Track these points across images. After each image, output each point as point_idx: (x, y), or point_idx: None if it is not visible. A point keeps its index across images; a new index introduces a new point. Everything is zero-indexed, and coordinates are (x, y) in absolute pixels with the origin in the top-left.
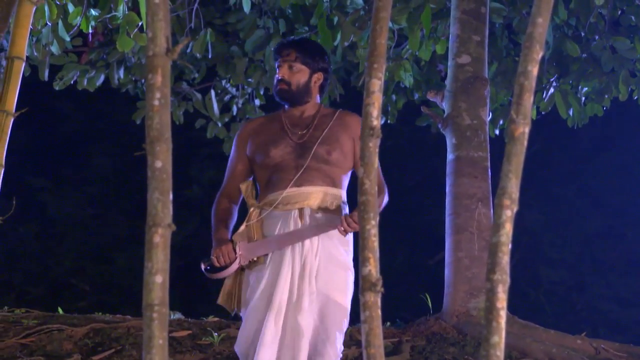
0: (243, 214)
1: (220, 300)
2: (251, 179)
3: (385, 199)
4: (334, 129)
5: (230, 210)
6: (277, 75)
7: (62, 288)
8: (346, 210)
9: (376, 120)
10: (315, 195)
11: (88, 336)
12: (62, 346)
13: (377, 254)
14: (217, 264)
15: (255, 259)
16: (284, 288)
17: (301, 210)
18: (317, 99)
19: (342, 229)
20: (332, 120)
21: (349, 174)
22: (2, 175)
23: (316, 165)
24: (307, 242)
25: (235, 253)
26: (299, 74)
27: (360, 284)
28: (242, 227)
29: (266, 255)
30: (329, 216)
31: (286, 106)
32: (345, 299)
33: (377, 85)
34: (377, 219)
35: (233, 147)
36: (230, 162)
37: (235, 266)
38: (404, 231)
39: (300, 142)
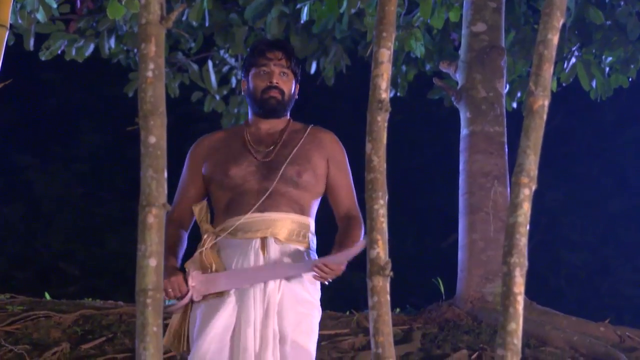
0: (195, 240)
1: (165, 342)
2: (205, 200)
3: (362, 233)
4: (306, 147)
5: (179, 236)
6: (270, 80)
7: (50, 272)
8: (314, 242)
9: (385, 93)
10: (280, 223)
11: (77, 323)
12: (49, 334)
13: (386, 236)
14: (165, 298)
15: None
16: (249, 335)
17: (264, 240)
18: None
19: (317, 275)
20: (304, 137)
21: (319, 199)
22: None
23: (283, 188)
24: (270, 282)
25: (187, 285)
26: (289, 83)
27: (368, 268)
28: (196, 255)
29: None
30: (294, 249)
31: (250, 118)
32: (312, 344)
33: (386, 55)
34: (386, 197)
35: (185, 165)
36: (181, 181)
37: (186, 300)
38: (414, 212)
39: (266, 160)
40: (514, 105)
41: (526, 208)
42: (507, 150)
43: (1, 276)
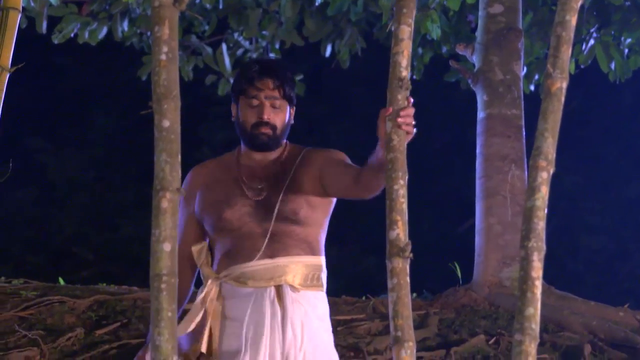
0: None
1: None
2: (206, 241)
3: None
4: (296, 177)
5: (184, 291)
6: (260, 116)
7: (64, 257)
8: (325, 280)
9: (405, 71)
10: (293, 268)
11: (91, 309)
12: (63, 319)
13: (406, 217)
14: None
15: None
16: None
17: (278, 289)
18: None
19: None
20: (295, 165)
21: (327, 223)
22: None
23: (285, 228)
24: (289, 332)
25: None
26: (282, 114)
27: (387, 249)
28: (197, 303)
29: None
30: (311, 295)
31: (243, 147)
32: None
33: (406, 32)
34: (406, 177)
35: (180, 202)
36: (179, 221)
37: None
38: (430, 196)
39: (259, 199)
40: (532, 87)
41: (544, 191)
42: (524, 133)
43: (14, 261)
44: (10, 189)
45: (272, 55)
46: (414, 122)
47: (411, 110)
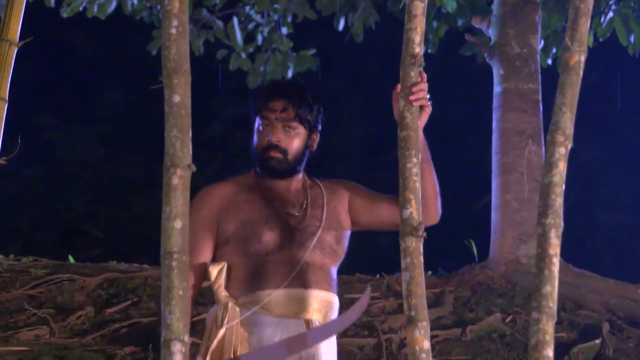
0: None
1: None
2: (224, 262)
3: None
4: (332, 206)
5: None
6: (268, 137)
7: (73, 235)
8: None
9: (418, 47)
10: (321, 303)
11: (102, 287)
12: (73, 298)
13: (419, 195)
14: None
15: None
16: None
17: (308, 323)
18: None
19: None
20: (324, 195)
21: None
22: (5, 111)
23: (318, 260)
24: None
25: None
26: (297, 139)
27: (400, 228)
28: (220, 333)
29: None
30: (333, 339)
31: (258, 173)
32: None
33: (419, 7)
34: (419, 156)
35: (193, 219)
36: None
37: None
38: (446, 172)
39: (298, 226)
40: (549, 61)
41: (562, 167)
42: (541, 108)
43: (24, 239)
44: (18, 166)
45: (284, 29)
46: (428, 96)
47: (424, 85)
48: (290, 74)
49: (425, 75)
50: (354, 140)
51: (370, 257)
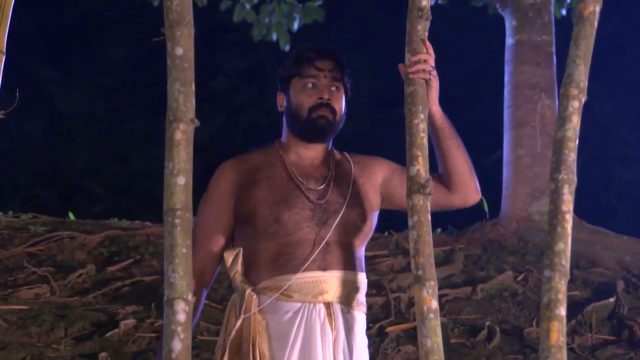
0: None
1: None
2: (240, 248)
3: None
4: (360, 182)
5: (196, 307)
6: (319, 95)
7: (74, 191)
8: (364, 298)
9: (425, 0)
10: (345, 284)
11: (103, 245)
12: (74, 256)
13: (427, 152)
14: None
15: None
16: None
17: (328, 306)
18: None
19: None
20: (352, 169)
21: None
22: (3, 63)
23: (342, 238)
24: (340, 358)
25: None
26: (341, 101)
27: (407, 186)
28: (238, 324)
29: None
30: (358, 317)
31: (286, 141)
32: None
33: None
34: (427, 111)
35: (208, 198)
36: (202, 220)
37: None
38: (455, 127)
39: (321, 202)
40: (563, 12)
41: (575, 121)
42: (555, 60)
43: (23, 195)
44: (17, 120)
45: None
46: (431, 68)
47: (425, 56)
48: (296, 25)
49: (431, 46)
50: (361, 95)
51: (379, 214)
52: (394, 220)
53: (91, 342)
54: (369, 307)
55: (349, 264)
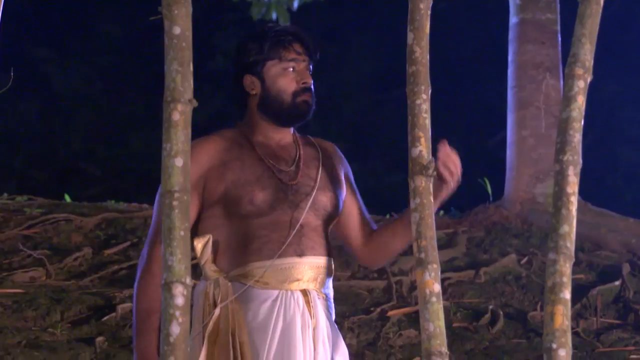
0: None
1: None
2: (209, 234)
3: None
4: (330, 165)
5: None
6: (302, 80)
7: (70, 173)
8: (331, 291)
9: None
10: (319, 270)
11: (99, 227)
12: (70, 238)
13: (429, 133)
14: None
15: None
16: None
17: (305, 294)
18: None
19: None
20: (319, 152)
21: None
22: None
23: (314, 221)
24: (320, 346)
25: None
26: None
27: (409, 167)
28: (216, 314)
29: None
30: (328, 303)
31: (253, 124)
32: None
33: None
34: (429, 92)
35: None
36: None
37: None
38: (458, 107)
39: (292, 183)
40: None
41: (581, 102)
42: (560, 39)
43: (18, 177)
44: (12, 101)
45: None
46: (459, 169)
47: (455, 158)
48: (296, 4)
49: (448, 147)
50: (362, 75)
51: (379, 196)
52: (395, 203)
53: (88, 326)
54: (371, 291)
55: (322, 248)
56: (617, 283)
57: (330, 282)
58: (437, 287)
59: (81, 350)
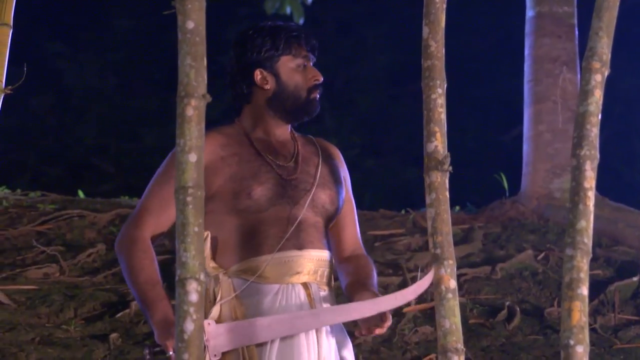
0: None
1: None
2: (207, 232)
3: (373, 270)
4: (330, 165)
5: (155, 260)
6: (315, 77)
7: (83, 169)
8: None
9: None
10: (319, 264)
11: (113, 223)
12: (83, 234)
13: (445, 128)
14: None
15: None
16: None
17: (306, 287)
18: None
19: (379, 329)
20: (320, 151)
21: None
22: (10, 38)
23: (313, 217)
24: (324, 339)
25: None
26: None
27: (425, 162)
28: (216, 310)
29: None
30: (331, 296)
31: (253, 119)
32: None
33: None
34: (444, 86)
35: (168, 168)
36: (161, 190)
37: None
38: (475, 102)
39: (291, 179)
40: None
41: (598, 96)
42: (577, 32)
43: (31, 172)
44: (25, 96)
45: None
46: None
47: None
48: None
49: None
50: (377, 69)
51: (395, 192)
52: (411, 198)
53: (101, 323)
54: (386, 287)
55: (318, 242)
56: (635, 279)
57: (331, 275)
58: (453, 283)
59: (95, 347)
